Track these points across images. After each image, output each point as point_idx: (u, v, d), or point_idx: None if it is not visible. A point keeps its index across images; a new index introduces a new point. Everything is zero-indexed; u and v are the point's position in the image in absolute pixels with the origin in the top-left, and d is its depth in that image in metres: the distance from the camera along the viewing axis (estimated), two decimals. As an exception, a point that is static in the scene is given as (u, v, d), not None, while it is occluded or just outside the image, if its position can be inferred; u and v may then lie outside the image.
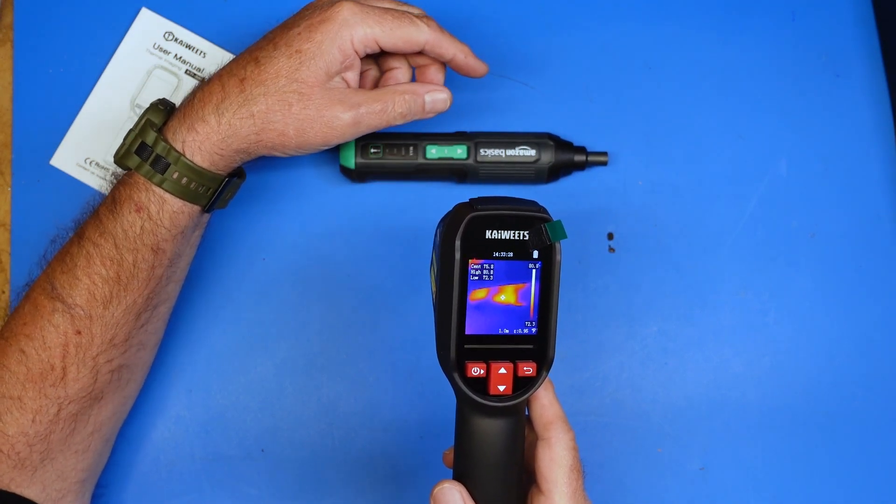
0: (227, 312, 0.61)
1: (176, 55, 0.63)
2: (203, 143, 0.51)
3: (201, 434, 0.60)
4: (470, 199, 0.42)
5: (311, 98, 0.51)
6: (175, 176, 0.50)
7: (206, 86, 0.52)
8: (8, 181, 0.62)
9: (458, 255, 0.41)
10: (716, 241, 0.63)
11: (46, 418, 0.50)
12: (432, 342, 0.61)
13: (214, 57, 0.63)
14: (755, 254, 0.63)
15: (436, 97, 0.55)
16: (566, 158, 0.61)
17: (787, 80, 0.65)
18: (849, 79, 0.65)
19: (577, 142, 0.63)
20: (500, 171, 0.60)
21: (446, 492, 0.44)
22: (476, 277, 0.41)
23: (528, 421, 0.46)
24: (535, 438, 0.45)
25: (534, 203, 0.42)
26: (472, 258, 0.41)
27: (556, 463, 0.44)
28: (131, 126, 0.52)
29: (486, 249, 0.41)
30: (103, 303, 0.51)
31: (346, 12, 0.51)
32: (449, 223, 0.42)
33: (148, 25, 0.63)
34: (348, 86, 0.53)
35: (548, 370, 0.43)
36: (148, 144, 0.51)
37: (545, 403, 0.45)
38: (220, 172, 0.52)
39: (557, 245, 0.42)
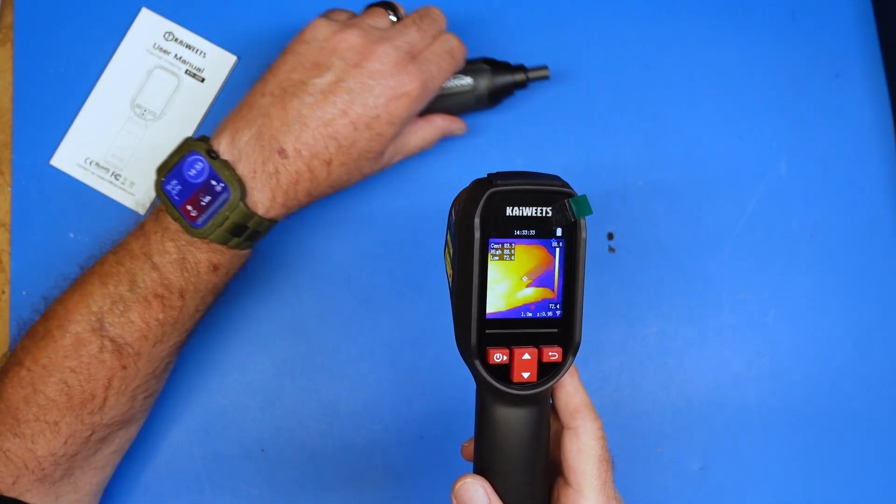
0: (227, 312, 0.61)
1: (176, 55, 0.62)
2: (289, 212, 0.53)
3: (201, 434, 0.60)
4: (488, 174, 0.40)
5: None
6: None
7: (292, 165, 0.50)
8: (8, 181, 0.62)
9: (477, 234, 0.38)
10: (716, 241, 0.63)
11: (78, 441, 0.51)
12: (433, 342, 0.61)
13: (214, 57, 0.63)
14: (755, 254, 0.63)
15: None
16: (505, 80, 0.60)
17: (787, 80, 0.65)
18: (849, 79, 0.65)
19: (577, 142, 0.63)
20: (439, 104, 0.58)
21: (469, 487, 0.41)
22: (497, 258, 0.39)
23: (553, 409, 0.44)
24: (561, 428, 0.43)
25: (556, 177, 0.40)
26: (491, 237, 0.39)
27: (585, 453, 0.41)
28: (216, 204, 0.49)
29: (507, 227, 0.39)
30: (154, 342, 0.51)
31: (418, 89, 0.52)
32: (466, 200, 0.40)
33: (148, 25, 0.63)
34: None
35: (574, 355, 0.41)
36: (248, 227, 0.50)
37: (570, 390, 0.42)
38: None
39: (582, 221, 0.39)
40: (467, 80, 0.59)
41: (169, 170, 0.51)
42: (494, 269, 0.39)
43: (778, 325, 0.63)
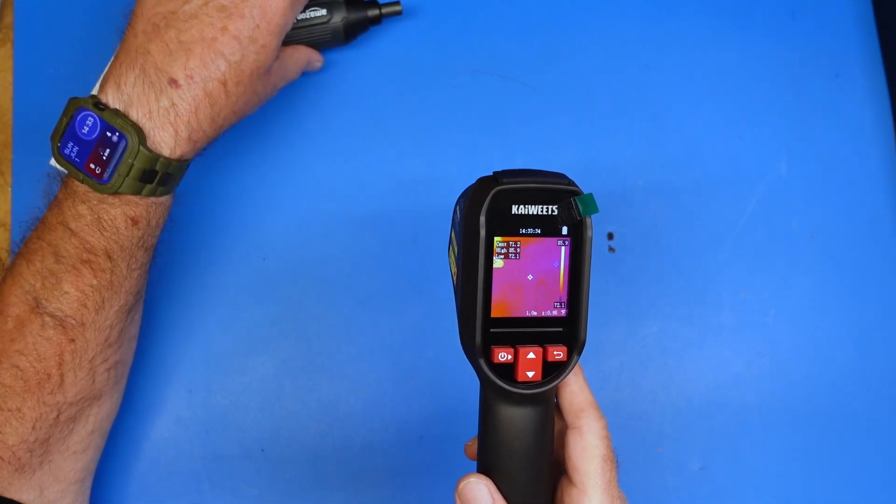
0: (227, 312, 0.61)
1: (176, 55, 0.62)
2: (197, 147, 0.51)
3: (201, 434, 0.60)
4: (493, 172, 0.40)
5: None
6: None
7: (187, 93, 0.49)
8: (8, 181, 0.62)
9: (483, 233, 0.38)
10: (716, 241, 0.63)
11: (46, 424, 0.50)
12: (433, 342, 0.61)
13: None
14: (755, 254, 0.63)
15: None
16: (360, 15, 0.60)
17: (787, 80, 0.65)
18: (849, 79, 0.65)
19: (578, 142, 0.63)
20: (294, 37, 0.58)
21: (473, 486, 0.41)
22: (502, 256, 0.39)
23: (557, 409, 0.43)
24: (565, 427, 0.43)
25: (562, 175, 0.40)
26: (497, 235, 0.39)
27: (589, 453, 0.41)
28: (118, 154, 0.48)
29: (513, 226, 0.39)
30: (95, 309, 0.50)
31: None
32: (471, 198, 0.40)
33: (148, 25, 0.63)
34: None
35: (579, 354, 0.41)
36: (156, 170, 0.49)
37: (575, 389, 0.42)
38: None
39: (588, 220, 0.39)
40: (321, 12, 0.58)
41: (61, 133, 0.49)
42: (500, 267, 0.39)
43: (778, 325, 0.63)
